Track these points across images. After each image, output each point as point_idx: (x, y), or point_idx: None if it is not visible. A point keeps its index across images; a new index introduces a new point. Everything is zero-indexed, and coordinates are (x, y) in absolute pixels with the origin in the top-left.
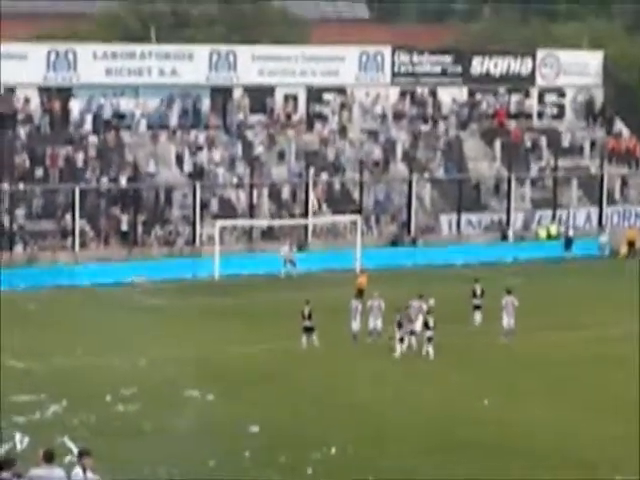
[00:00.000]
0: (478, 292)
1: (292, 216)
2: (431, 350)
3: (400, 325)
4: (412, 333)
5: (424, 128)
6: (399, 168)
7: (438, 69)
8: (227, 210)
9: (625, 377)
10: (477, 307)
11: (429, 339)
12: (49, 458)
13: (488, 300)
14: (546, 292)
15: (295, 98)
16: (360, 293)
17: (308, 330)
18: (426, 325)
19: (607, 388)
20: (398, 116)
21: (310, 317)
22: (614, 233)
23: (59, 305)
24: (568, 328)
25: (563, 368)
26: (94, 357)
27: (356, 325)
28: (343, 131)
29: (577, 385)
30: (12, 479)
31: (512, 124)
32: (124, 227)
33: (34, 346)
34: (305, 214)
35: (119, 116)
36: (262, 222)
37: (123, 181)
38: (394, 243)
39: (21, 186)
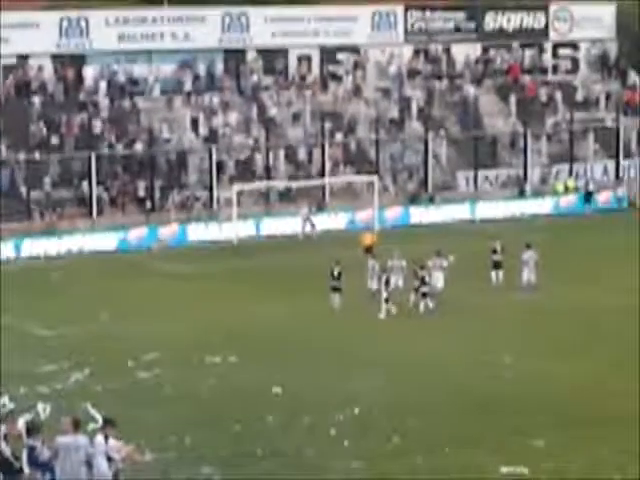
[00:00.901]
0: (498, 249)
1: (309, 177)
2: (430, 304)
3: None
4: (426, 294)
5: (439, 85)
6: (414, 126)
7: (451, 26)
8: (244, 173)
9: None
10: (497, 264)
11: (424, 294)
12: (76, 426)
13: (508, 256)
14: (566, 246)
15: (309, 59)
16: (368, 250)
17: (336, 290)
18: (422, 281)
19: (632, 339)
20: (412, 74)
21: (339, 277)
22: (631, 185)
23: (79, 273)
24: (590, 281)
25: (586, 320)
26: (115, 324)
27: (373, 284)
28: (358, 91)
29: (601, 337)
30: (39, 445)
31: (526, 79)
32: (141, 193)
33: (57, 314)
34: (322, 175)
35: (133, 82)
36: (279, 184)
37: (139, 147)
38: (412, 201)
39: (37, 155)
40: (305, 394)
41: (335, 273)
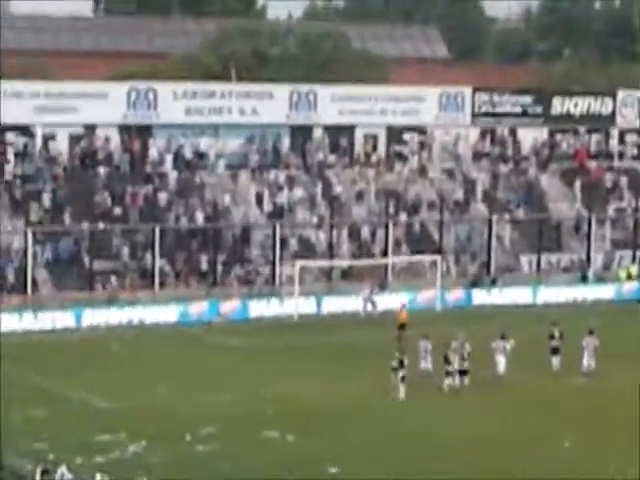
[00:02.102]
0: (556, 334)
1: (371, 256)
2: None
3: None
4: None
5: (504, 168)
6: (479, 208)
7: (518, 109)
8: (307, 250)
9: None
10: (555, 350)
11: (447, 373)
12: None
13: (567, 342)
14: (627, 334)
15: (375, 137)
16: (402, 327)
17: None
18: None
19: None
20: (478, 156)
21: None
22: None
23: (139, 344)
24: None
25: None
26: (173, 397)
27: (425, 364)
28: (423, 171)
29: None
30: None
31: (592, 164)
32: (203, 266)
33: (116, 385)
34: (385, 254)
35: (199, 155)
36: (342, 262)
37: (203, 221)
38: (474, 283)
39: (101, 225)
40: (362, 473)
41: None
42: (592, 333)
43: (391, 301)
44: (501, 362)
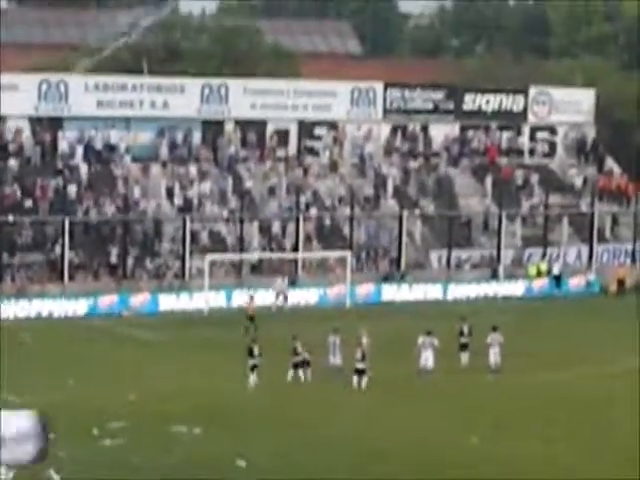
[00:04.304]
0: (465, 331)
1: (282, 251)
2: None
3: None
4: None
5: (415, 164)
6: (389, 204)
7: (430, 105)
8: (217, 244)
9: (615, 415)
10: (464, 346)
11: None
12: None
13: (477, 338)
14: (536, 330)
15: (286, 132)
16: (251, 319)
17: (297, 366)
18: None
19: (598, 426)
20: (389, 152)
21: (298, 352)
22: (604, 271)
23: (49, 337)
24: (557, 366)
25: (551, 406)
26: (81, 390)
27: (334, 359)
28: (334, 166)
29: (565, 423)
30: None
31: (503, 161)
32: (114, 260)
33: (24, 378)
34: (295, 249)
35: (110, 148)
36: (252, 256)
37: (113, 213)
38: (384, 279)
39: (10, 218)
40: (269, 466)
41: (298, 349)
42: (496, 330)
43: (301, 296)
44: (429, 358)
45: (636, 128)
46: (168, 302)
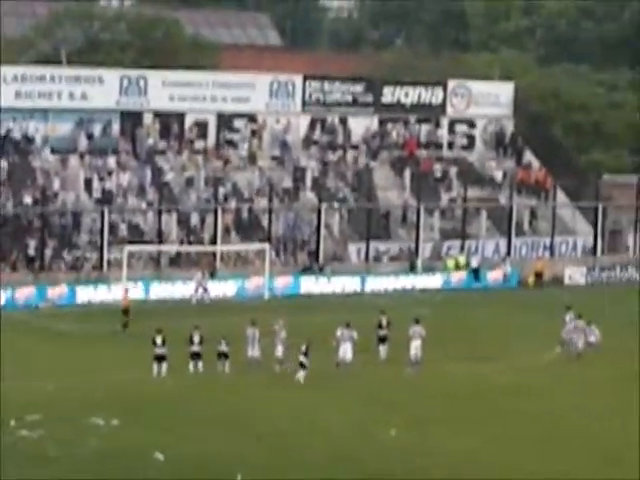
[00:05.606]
0: (384, 323)
1: (201, 243)
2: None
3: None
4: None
5: (334, 157)
6: (308, 196)
7: (349, 98)
8: (135, 235)
9: (531, 407)
10: (383, 339)
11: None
12: None
13: (395, 331)
14: (454, 323)
15: (205, 124)
16: (125, 313)
17: (196, 356)
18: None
19: (514, 418)
20: (308, 144)
21: (201, 343)
22: (522, 264)
23: None
24: (475, 359)
25: (469, 399)
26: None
27: (252, 352)
28: (253, 158)
29: (482, 416)
30: None
31: (422, 154)
32: (31, 251)
33: None
34: (214, 241)
35: (28, 139)
36: (170, 247)
37: (31, 205)
38: (303, 271)
39: None
40: (187, 459)
41: (195, 339)
42: (418, 322)
43: (220, 288)
44: (347, 350)
45: (554, 121)
46: (86, 294)
